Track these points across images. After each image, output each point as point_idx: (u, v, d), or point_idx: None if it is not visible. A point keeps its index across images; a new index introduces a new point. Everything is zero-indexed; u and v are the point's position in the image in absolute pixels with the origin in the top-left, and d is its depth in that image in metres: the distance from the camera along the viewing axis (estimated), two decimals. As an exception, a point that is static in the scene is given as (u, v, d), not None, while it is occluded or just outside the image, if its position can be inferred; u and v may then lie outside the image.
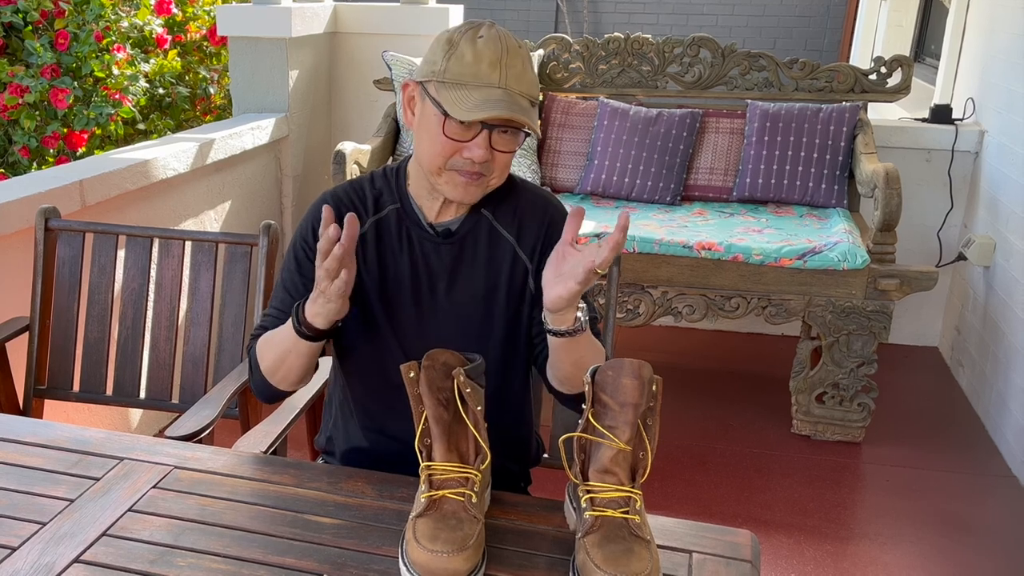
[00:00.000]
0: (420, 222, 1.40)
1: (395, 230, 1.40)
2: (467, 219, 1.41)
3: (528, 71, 1.30)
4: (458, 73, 1.26)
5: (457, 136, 1.28)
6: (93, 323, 2.05)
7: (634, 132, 3.34)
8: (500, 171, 1.34)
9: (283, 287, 1.43)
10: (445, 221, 1.40)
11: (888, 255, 2.83)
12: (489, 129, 1.27)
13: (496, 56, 1.26)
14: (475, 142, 1.28)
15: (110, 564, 1.11)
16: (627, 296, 2.96)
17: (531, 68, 1.31)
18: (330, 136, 3.87)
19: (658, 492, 2.71)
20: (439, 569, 1.04)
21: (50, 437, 1.40)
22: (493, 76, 1.26)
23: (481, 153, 1.28)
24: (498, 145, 1.30)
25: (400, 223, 1.40)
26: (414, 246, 1.40)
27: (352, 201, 1.41)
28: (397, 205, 1.41)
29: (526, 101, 1.28)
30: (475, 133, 1.28)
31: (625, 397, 1.11)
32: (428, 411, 1.14)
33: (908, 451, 3.01)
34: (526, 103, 1.28)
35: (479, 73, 1.26)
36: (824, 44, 8.04)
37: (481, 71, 1.26)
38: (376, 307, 1.40)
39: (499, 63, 1.26)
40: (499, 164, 1.32)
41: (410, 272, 1.39)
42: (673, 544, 1.18)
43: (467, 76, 1.26)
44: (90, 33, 3.83)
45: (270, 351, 1.38)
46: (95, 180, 2.50)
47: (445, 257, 1.40)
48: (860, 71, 3.35)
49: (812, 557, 2.45)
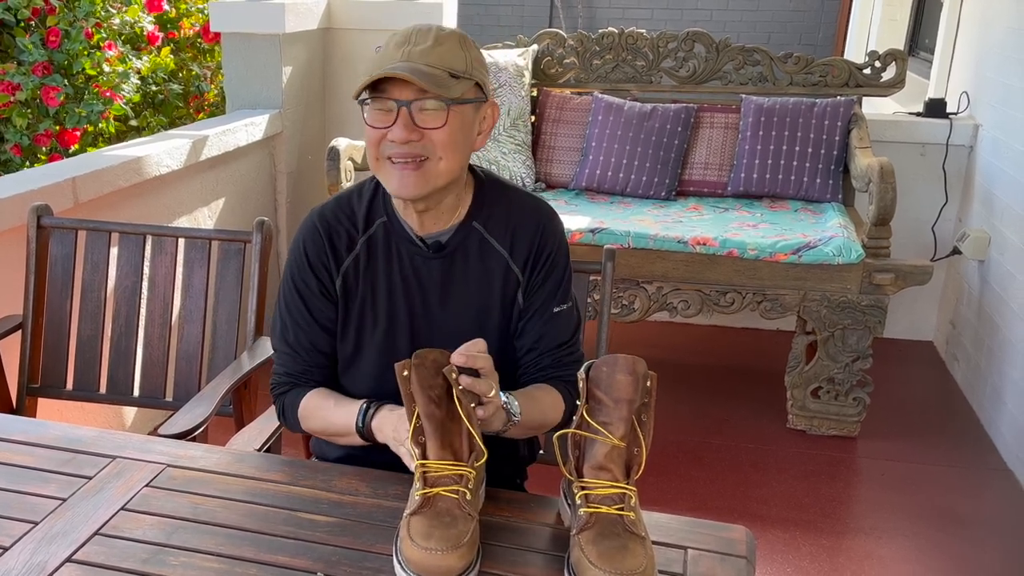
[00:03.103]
0: (409, 235, 1.38)
1: (384, 245, 1.38)
2: (458, 232, 1.38)
3: (444, 46, 1.26)
4: (371, 65, 1.28)
5: (379, 123, 1.27)
6: (86, 321, 2.04)
7: (628, 127, 3.33)
8: (446, 152, 1.28)
9: (291, 319, 1.40)
10: (434, 233, 1.38)
11: (883, 249, 2.83)
12: (405, 106, 1.24)
13: (404, 37, 1.27)
14: (396, 123, 1.25)
15: (102, 563, 1.10)
16: (622, 291, 2.96)
17: (453, 45, 1.27)
18: (324, 132, 3.86)
19: (653, 487, 2.71)
20: (433, 567, 1.04)
21: (42, 436, 1.40)
22: (396, 54, 1.26)
23: (400, 132, 1.25)
24: (423, 123, 1.25)
25: (388, 237, 1.38)
26: (404, 260, 1.38)
27: (342, 223, 1.39)
28: (384, 219, 1.39)
29: (439, 71, 1.24)
30: (395, 115, 1.25)
31: (619, 393, 1.11)
32: (420, 409, 1.13)
33: (903, 445, 3.01)
34: (438, 72, 1.24)
35: (385, 56, 1.27)
36: (818, 38, 8.04)
37: (388, 53, 1.27)
38: (368, 323, 1.39)
39: (406, 42, 1.26)
40: (439, 144, 1.27)
41: (402, 287, 1.38)
42: (668, 540, 1.17)
43: (377, 62, 1.27)
44: (80, 30, 3.81)
45: (320, 421, 1.38)
46: (88, 177, 2.48)
47: (435, 271, 1.38)
48: (854, 65, 3.35)
49: (808, 552, 2.45)
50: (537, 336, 1.40)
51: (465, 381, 1.14)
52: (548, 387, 1.39)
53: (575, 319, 1.46)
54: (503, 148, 3.38)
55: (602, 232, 2.90)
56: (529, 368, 1.42)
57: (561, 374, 1.41)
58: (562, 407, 1.39)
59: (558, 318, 1.41)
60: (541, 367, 1.41)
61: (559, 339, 1.42)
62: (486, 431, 1.20)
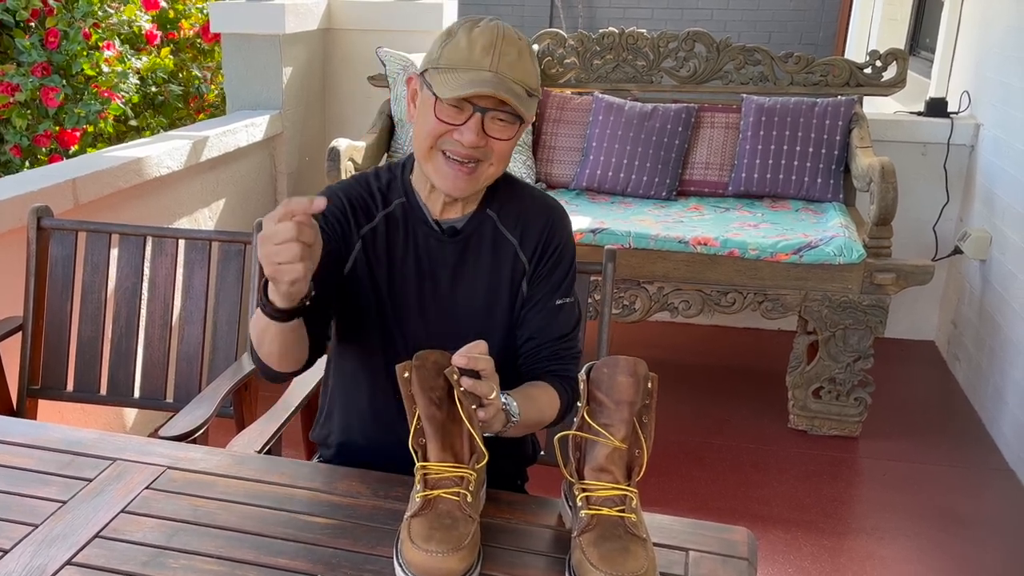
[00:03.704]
0: (426, 218, 1.40)
1: (402, 224, 1.40)
2: (473, 218, 1.40)
3: (525, 61, 1.29)
4: (451, 59, 1.27)
5: (449, 119, 1.27)
6: (87, 322, 2.03)
7: (629, 127, 3.33)
8: (498, 160, 1.32)
9: None
10: (451, 219, 1.40)
11: (884, 249, 2.82)
12: (481, 113, 1.26)
13: (489, 42, 1.26)
14: (467, 125, 1.27)
15: (103, 566, 1.10)
16: (623, 292, 2.96)
17: (530, 60, 1.30)
18: (325, 133, 3.86)
19: (654, 488, 2.70)
20: (434, 569, 1.04)
21: (42, 438, 1.39)
22: (484, 60, 1.26)
23: (472, 137, 1.27)
24: (492, 132, 1.28)
25: (406, 217, 1.40)
26: (419, 242, 1.40)
27: (360, 195, 1.40)
28: (403, 199, 1.41)
29: (520, 88, 1.27)
30: (467, 117, 1.27)
31: (620, 395, 1.11)
32: (421, 411, 1.13)
33: (905, 445, 3.01)
34: (520, 90, 1.27)
35: (471, 58, 1.26)
36: (819, 38, 8.04)
37: (473, 56, 1.26)
38: (384, 300, 1.39)
39: (492, 48, 1.26)
40: (496, 152, 1.30)
41: (415, 267, 1.39)
42: (669, 542, 1.17)
43: (460, 61, 1.26)
44: (79, 31, 3.81)
45: (254, 327, 1.32)
46: (88, 178, 2.48)
47: (449, 255, 1.40)
48: (855, 65, 3.35)
49: (809, 552, 2.45)
50: (538, 326, 1.42)
51: (466, 383, 1.13)
52: (544, 384, 1.40)
53: (576, 315, 1.47)
54: (503, 148, 3.38)
55: (603, 232, 2.90)
56: (528, 358, 1.43)
57: (557, 368, 1.42)
58: (558, 404, 1.40)
59: (560, 311, 1.43)
60: (539, 358, 1.43)
61: (559, 331, 1.43)
62: (485, 432, 1.20)
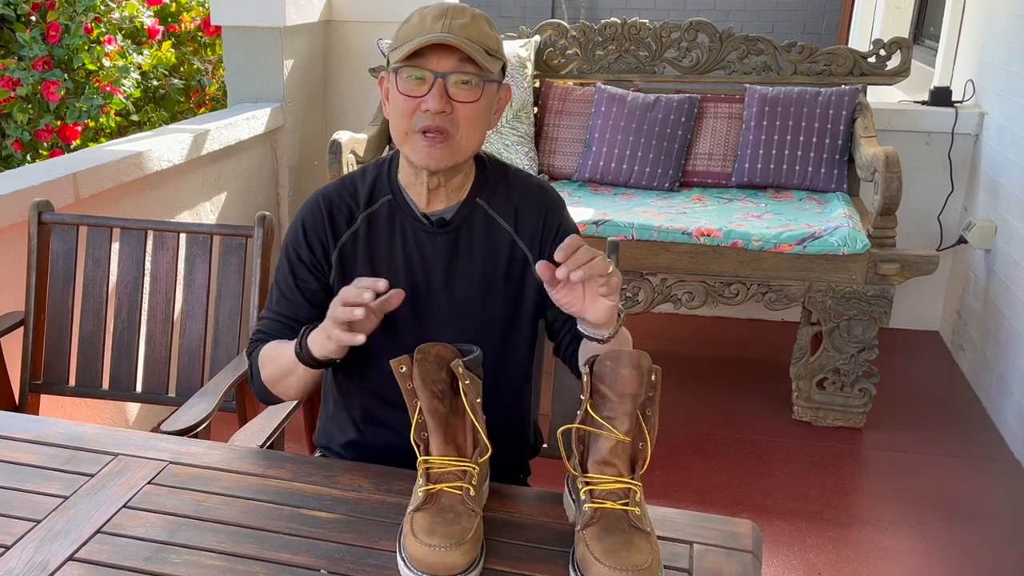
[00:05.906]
0: (413, 212, 1.39)
1: (387, 221, 1.39)
2: (461, 208, 1.39)
3: (480, 23, 1.28)
4: (405, 35, 1.28)
5: (412, 91, 1.28)
6: (88, 317, 2.03)
7: (632, 118, 3.31)
8: (467, 127, 1.30)
9: (278, 288, 1.42)
10: (439, 210, 1.39)
11: (888, 239, 2.81)
12: (443, 78, 1.26)
13: (440, 12, 1.27)
14: (431, 93, 1.27)
15: (105, 562, 1.10)
16: (626, 283, 2.95)
17: (485, 24, 1.30)
18: (326, 125, 3.85)
19: (658, 480, 2.70)
20: (437, 563, 1.03)
21: (43, 433, 1.39)
22: (436, 25, 1.26)
23: (436, 103, 1.26)
24: (457, 96, 1.27)
25: (392, 214, 1.39)
26: (407, 237, 1.38)
27: (344, 199, 1.40)
28: (389, 196, 1.40)
29: (477, 46, 1.26)
30: (430, 86, 1.27)
31: (624, 388, 1.10)
32: (423, 405, 1.12)
33: (909, 436, 3.00)
34: (476, 47, 1.26)
35: (423, 27, 1.27)
36: (822, 27, 8.00)
37: (425, 25, 1.27)
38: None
39: (443, 16, 1.27)
40: (463, 118, 1.29)
41: (404, 263, 1.38)
42: (673, 535, 1.17)
43: (413, 32, 1.27)
44: (80, 25, 3.80)
45: (271, 363, 1.37)
46: (89, 173, 2.48)
47: (440, 247, 1.38)
48: (859, 54, 3.32)
49: (813, 543, 2.44)
50: None
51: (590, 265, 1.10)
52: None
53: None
54: (506, 140, 3.37)
55: (606, 224, 2.89)
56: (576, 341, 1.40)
57: None
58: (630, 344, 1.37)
59: None
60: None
61: None
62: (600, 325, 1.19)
